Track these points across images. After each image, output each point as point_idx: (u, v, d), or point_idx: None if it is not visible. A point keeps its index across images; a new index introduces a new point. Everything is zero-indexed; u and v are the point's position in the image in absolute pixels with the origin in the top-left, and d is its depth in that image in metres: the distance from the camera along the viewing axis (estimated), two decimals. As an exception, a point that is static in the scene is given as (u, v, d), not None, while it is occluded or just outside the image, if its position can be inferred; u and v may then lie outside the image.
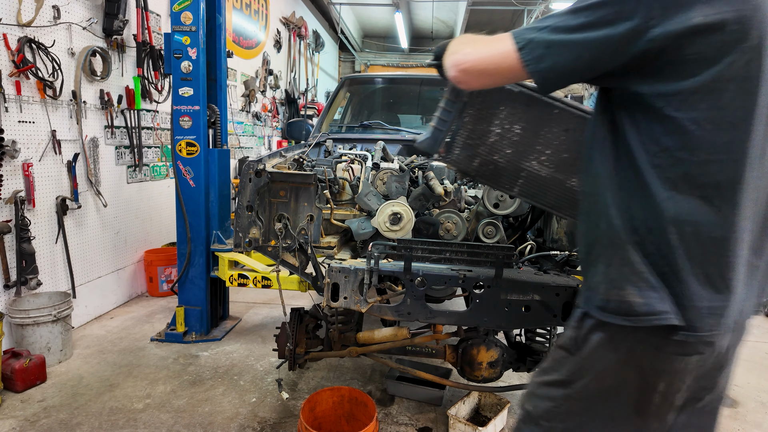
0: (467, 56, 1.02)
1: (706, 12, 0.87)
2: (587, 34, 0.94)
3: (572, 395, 1.09)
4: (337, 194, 2.50)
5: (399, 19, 10.72)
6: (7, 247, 2.94)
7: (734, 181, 0.93)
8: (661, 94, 0.92)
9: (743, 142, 0.92)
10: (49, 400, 2.64)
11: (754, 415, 2.82)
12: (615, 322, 0.98)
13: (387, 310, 2.02)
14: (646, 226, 0.96)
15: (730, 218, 0.93)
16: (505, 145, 1.65)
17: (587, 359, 1.05)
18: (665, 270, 0.95)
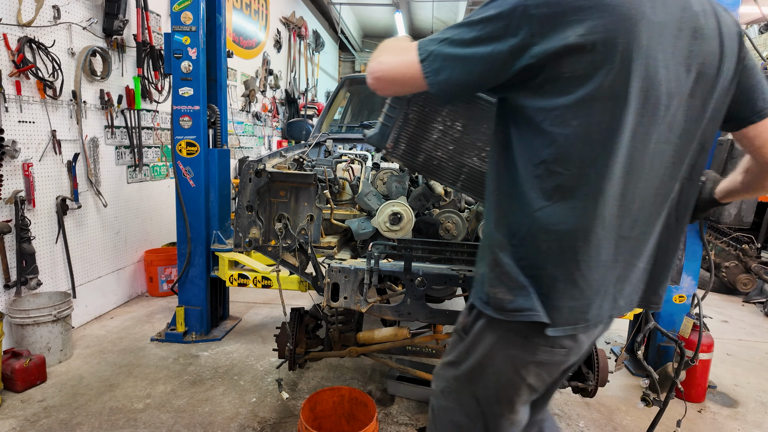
0: (380, 65, 1.06)
1: (578, 32, 0.92)
2: (478, 49, 0.99)
3: (459, 376, 1.21)
4: (337, 194, 2.50)
5: (399, 19, 10.73)
6: (7, 247, 2.94)
7: (598, 194, 1.00)
8: (541, 108, 0.98)
9: (608, 158, 0.98)
10: (50, 400, 2.64)
11: (754, 415, 2.82)
12: (491, 314, 1.10)
13: (387, 310, 2.02)
14: (521, 233, 1.05)
15: (594, 227, 1.02)
16: (447, 141, 1.73)
17: (471, 344, 1.17)
18: (535, 273, 1.05)
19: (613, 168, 0.99)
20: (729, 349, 3.75)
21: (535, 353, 1.09)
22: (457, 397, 1.22)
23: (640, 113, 0.99)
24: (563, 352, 1.11)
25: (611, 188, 1.01)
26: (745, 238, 4.89)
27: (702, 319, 2.38)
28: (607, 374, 2.30)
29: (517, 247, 1.06)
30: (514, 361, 1.12)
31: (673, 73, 1.00)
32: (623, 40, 0.93)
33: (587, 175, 0.99)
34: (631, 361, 3.30)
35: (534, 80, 0.98)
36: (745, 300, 4.98)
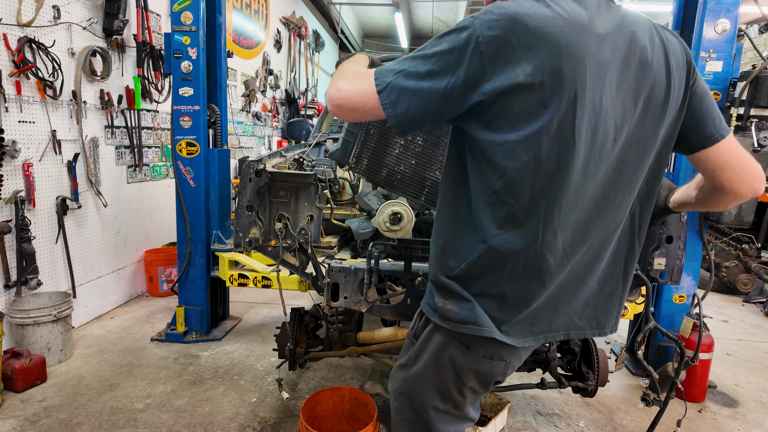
0: (339, 93, 1.05)
1: (527, 71, 0.95)
2: (433, 83, 1.00)
3: (407, 378, 1.27)
4: (337, 194, 2.50)
5: (399, 19, 10.73)
6: (7, 247, 2.94)
7: (548, 223, 1.05)
8: (493, 142, 1.01)
9: (557, 191, 1.02)
10: (50, 400, 2.64)
11: (754, 415, 2.82)
12: (437, 322, 1.17)
13: (387, 309, 2.02)
14: (472, 258, 1.09)
15: (545, 253, 1.07)
16: (409, 155, 1.78)
17: (420, 348, 1.23)
18: (485, 291, 1.11)
19: (562, 199, 1.04)
20: (729, 349, 3.75)
21: (475, 362, 1.16)
22: (408, 397, 1.28)
23: (590, 147, 1.02)
24: (502, 365, 1.18)
25: (562, 217, 1.06)
26: (745, 238, 4.89)
27: (702, 319, 2.37)
28: (607, 374, 2.30)
29: (466, 270, 1.11)
30: (455, 367, 1.18)
31: (620, 107, 1.04)
32: (570, 79, 0.96)
33: (537, 206, 1.03)
34: (631, 361, 3.30)
35: (486, 115, 1.00)
36: (745, 300, 4.98)
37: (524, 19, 0.95)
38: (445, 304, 1.14)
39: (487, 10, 0.99)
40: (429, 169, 1.79)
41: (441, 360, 1.19)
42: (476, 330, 1.10)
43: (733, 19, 2.72)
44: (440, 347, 1.18)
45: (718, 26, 2.73)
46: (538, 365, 2.38)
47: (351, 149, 1.74)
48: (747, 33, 3.25)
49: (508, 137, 0.99)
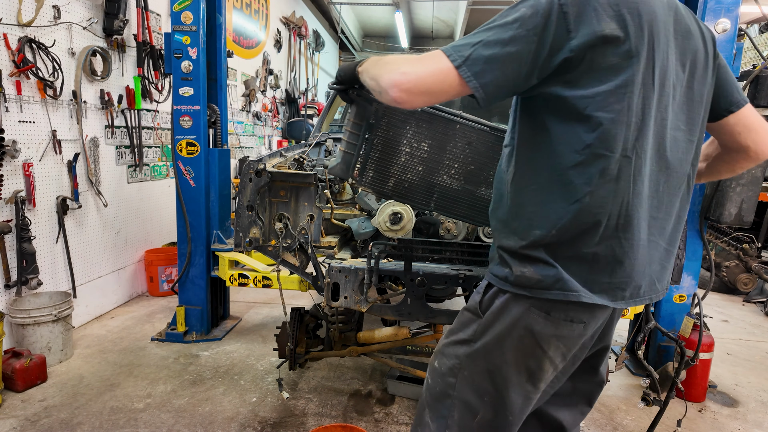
0: (407, 76, 1.02)
1: (611, 25, 1.01)
2: (520, 47, 1.01)
3: (474, 353, 1.21)
4: (337, 194, 2.50)
5: (399, 19, 10.72)
6: (7, 246, 2.94)
7: (637, 175, 1.08)
8: (584, 96, 1.03)
9: (644, 140, 1.07)
10: (50, 400, 2.64)
11: (754, 415, 2.82)
12: (514, 291, 1.14)
13: (387, 309, 2.02)
14: (563, 222, 1.08)
15: (635, 208, 1.08)
16: (416, 162, 1.73)
17: (490, 321, 1.19)
18: (577, 254, 1.09)
19: (647, 149, 1.08)
20: (729, 349, 3.75)
21: (557, 327, 1.13)
22: (470, 373, 1.22)
23: (659, 100, 1.09)
24: (582, 327, 1.15)
25: (646, 170, 1.09)
26: (745, 238, 4.89)
27: (702, 319, 2.37)
28: (607, 374, 2.30)
29: (558, 236, 1.09)
30: (536, 336, 1.14)
31: (676, 66, 1.12)
32: (648, 31, 1.04)
33: (628, 157, 1.05)
34: (632, 361, 3.30)
35: (572, 72, 1.03)
36: (745, 299, 4.98)
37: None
38: (524, 272, 1.12)
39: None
40: (436, 174, 1.74)
41: (517, 331, 1.15)
42: (562, 295, 1.09)
43: (733, 19, 2.71)
44: (517, 317, 1.15)
45: (718, 26, 2.72)
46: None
47: (353, 162, 1.68)
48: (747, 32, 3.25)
49: (599, 89, 1.02)
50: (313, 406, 2.66)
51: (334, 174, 1.71)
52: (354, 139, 1.65)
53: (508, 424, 1.22)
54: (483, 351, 1.20)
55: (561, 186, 1.08)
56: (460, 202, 1.76)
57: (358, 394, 2.81)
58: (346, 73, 1.36)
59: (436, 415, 1.25)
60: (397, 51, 13.96)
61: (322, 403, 2.69)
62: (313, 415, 2.58)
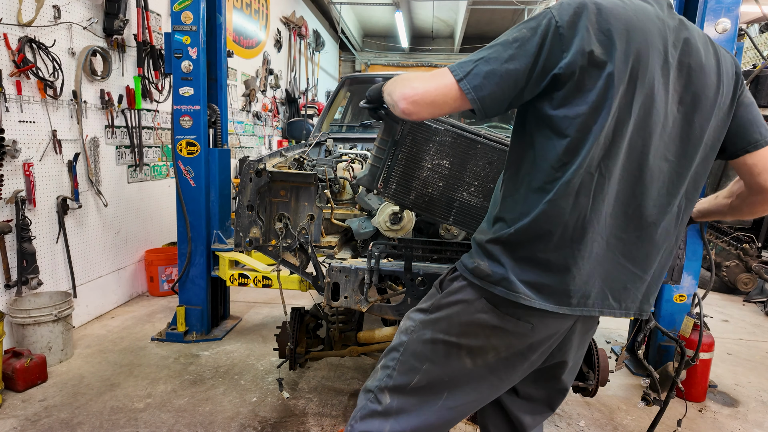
0: (416, 90, 1.13)
1: (599, 49, 1.07)
2: (516, 65, 1.09)
3: (426, 321, 1.32)
4: (337, 194, 2.50)
5: (399, 19, 10.72)
6: (8, 246, 2.94)
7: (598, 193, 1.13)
8: (566, 116, 1.10)
9: (610, 161, 1.12)
10: (50, 400, 2.64)
11: (754, 415, 2.82)
12: (470, 279, 1.24)
13: (388, 309, 2.02)
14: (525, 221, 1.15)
15: (591, 223, 1.14)
16: (437, 178, 1.82)
17: (445, 299, 1.30)
18: (529, 256, 1.16)
19: (614, 171, 1.13)
20: (730, 349, 3.75)
21: (501, 320, 1.21)
22: (418, 337, 1.32)
23: (640, 127, 1.13)
24: (528, 328, 1.21)
25: (611, 189, 1.15)
26: (745, 238, 4.89)
27: (702, 319, 2.37)
28: (607, 373, 2.30)
29: (516, 236, 1.17)
30: (481, 322, 1.23)
31: (668, 98, 1.14)
32: (633, 62, 1.08)
33: (591, 174, 1.12)
34: (632, 361, 3.30)
35: (561, 90, 1.10)
36: (745, 299, 4.98)
37: (598, 4, 1.08)
38: (480, 264, 1.21)
39: (563, 2, 1.11)
40: (456, 190, 1.82)
41: (466, 312, 1.25)
42: (505, 293, 1.16)
43: (733, 19, 2.71)
44: (468, 301, 1.24)
45: (718, 25, 2.72)
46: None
47: (379, 174, 1.80)
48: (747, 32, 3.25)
49: (579, 110, 1.09)
50: (313, 406, 2.67)
51: (361, 184, 1.84)
52: (381, 153, 1.78)
53: (439, 398, 1.29)
54: (433, 321, 1.30)
55: (533, 194, 1.16)
56: (479, 219, 1.80)
57: (358, 394, 2.80)
58: (375, 93, 1.49)
59: (384, 365, 1.37)
60: (397, 51, 13.96)
61: (322, 403, 2.70)
62: (313, 415, 2.58)
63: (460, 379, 1.29)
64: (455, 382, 1.29)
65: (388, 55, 14.05)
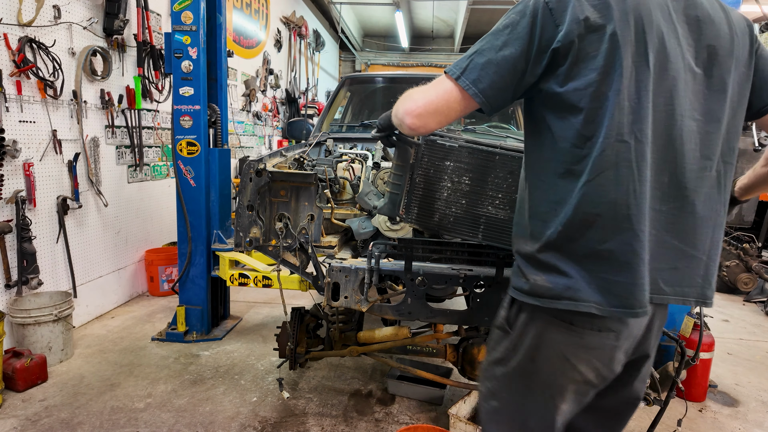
0: (417, 102, 1.10)
1: (594, 13, 1.02)
2: (512, 50, 1.06)
3: (509, 374, 1.18)
4: (337, 194, 2.50)
5: (399, 19, 10.71)
6: (8, 246, 2.94)
7: (638, 161, 1.03)
8: (577, 89, 1.04)
9: (641, 124, 1.03)
10: (50, 400, 2.64)
11: (755, 415, 2.81)
12: (531, 302, 1.10)
13: (388, 309, 2.02)
14: (565, 216, 1.06)
15: (641, 194, 1.03)
16: (458, 196, 1.78)
17: (518, 337, 1.16)
18: (592, 248, 1.04)
19: (648, 134, 1.04)
20: (730, 349, 3.75)
21: (582, 337, 1.08)
22: (510, 395, 1.19)
23: (659, 84, 1.05)
24: (612, 336, 1.08)
25: (650, 156, 1.05)
26: (746, 238, 4.89)
27: (703, 319, 2.37)
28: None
29: (564, 231, 1.06)
30: (563, 349, 1.09)
31: (681, 52, 1.07)
32: (635, 17, 1.03)
33: (625, 141, 1.02)
34: (632, 361, 3.29)
35: (564, 64, 1.05)
36: (746, 299, 4.97)
37: None
38: (536, 280, 1.09)
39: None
40: (480, 206, 1.77)
41: (545, 345, 1.11)
42: (573, 305, 1.04)
43: (733, 18, 2.71)
44: (541, 330, 1.11)
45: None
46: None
47: (399, 201, 1.77)
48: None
49: (589, 78, 1.03)
50: (313, 406, 2.67)
51: (382, 213, 1.83)
52: (398, 180, 1.76)
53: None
54: (517, 371, 1.16)
55: (564, 180, 1.07)
56: (508, 231, 1.75)
57: (358, 394, 2.81)
58: (385, 120, 1.46)
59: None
60: (397, 51, 13.96)
61: (322, 403, 2.70)
62: (313, 415, 2.58)
63: (565, 413, 1.17)
64: (560, 427, 1.18)
65: (388, 55, 14.05)
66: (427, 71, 13.03)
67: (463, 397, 2.54)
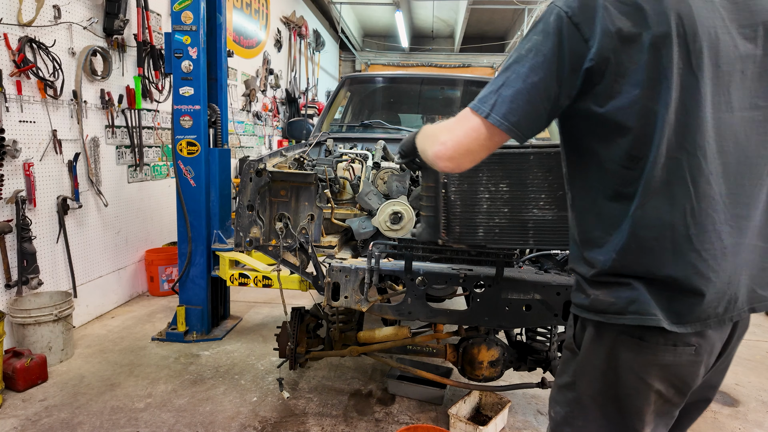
0: (446, 145, 1.04)
1: (626, 22, 0.93)
2: (540, 75, 0.97)
3: (580, 398, 1.10)
4: (337, 193, 2.50)
5: (399, 18, 10.71)
6: (8, 246, 2.94)
7: (697, 175, 0.95)
8: (622, 107, 0.96)
9: (696, 135, 0.94)
10: (51, 400, 2.64)
11: (755, 415, 2.82)
12: (596, 319, 1.03)
13: (388, 309, 2.02)
14: (622, 241, 0.99)
15: (704, 211, 0.96)
16: (499, 205, 1.67)
17: (585, 358, 1.08)
18: (649, 275, 0.98)
19: (704, 144, 0.95)
20: (730, 349, 3.74)
21: (655, 354, 0.99)
22: (584, 422, 1.10)
23: (716, 83, 0.96)
24: (691, 351, 0.99)
25: (710, 167, 0.96)
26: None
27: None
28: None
29: (619, 259, 1.00)
30: (634, 367, 1.01)
31: (734, 38, 0.98)
32: (675, 14, 0.93)
33: (677, 158, 0.95)
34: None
35: (602, 83, 0.96)
36: (746, 299, 4.96)
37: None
38: (597, 295, 1.02)
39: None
40: (525, 210, 1.67)
41: (615, 364, 1.02)
42: (640, 319, 0.97)
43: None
44: (610, 348, 1.02)
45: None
46: (538, 365, 2.38)
47: (437, 224, 1.69)
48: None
49: (632, 95, 0.94)
50: (313, 406, 2.67)
51: (423, 239, 1.74)
52: (431, 202, 1.68)
53: None
54: (589, 394, 1.08)
55: (615, 204, 1.00)
56: (561, 231, 1.67)
57: (358, 394, 2.81)
58: (408, 146, 1.41)
59: None
60: (397, 51, 13.96)
61: (322, 403, 2.70)
62: (313, 415, 2.58)
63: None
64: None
65: (388, 55, 14.05)
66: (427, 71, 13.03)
67: (463, 397, 2.54)
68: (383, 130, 3.49)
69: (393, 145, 3.14)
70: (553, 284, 1.86)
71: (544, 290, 1.86)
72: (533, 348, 2.41)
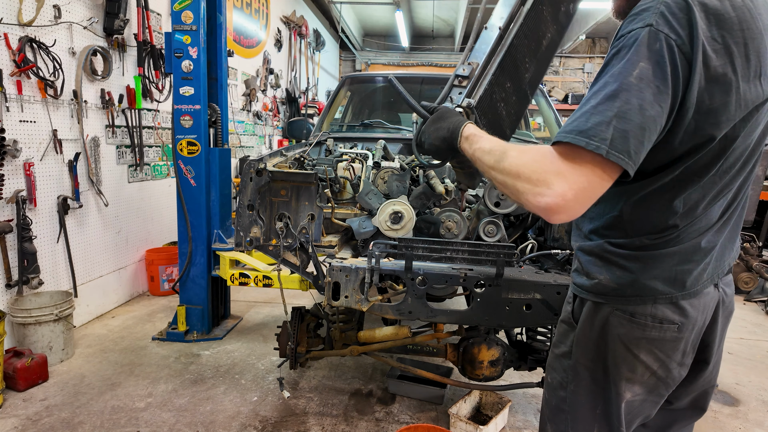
0: (565, 198, 0.91)
1: (721, 63, 0.93)
2: (659, 107, 0.92)
3: (575, 366, 1.20)
4: (338, 193, 2.50)
5: (400, 18, 10.70)
6: (8, 246, 2.94)
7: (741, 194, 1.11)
8: (697, 145, 1.00)
9: (746, 164, 1.07)
10: (51, 399, 2.65)
11: (755, 414, 2.82)
12: (592, 299, 1.15)
13: (388, 308, 2.02)
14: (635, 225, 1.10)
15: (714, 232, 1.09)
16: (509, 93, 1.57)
17: (581, 331, 1.18)
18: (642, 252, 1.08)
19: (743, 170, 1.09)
20: (730, 348, 3.75)
21: (644, 330, 1.09)
22: (576, 387, 1.20)
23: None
24: (674, 328, 1.09)
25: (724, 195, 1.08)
26: (746, 237, 4.89)
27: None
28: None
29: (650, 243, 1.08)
30: (624, 341, 1.11)
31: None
32: (755, 57, 0.96)
33: (731, 183, 1.08)
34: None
35: (683, 119, 0.96)
36: (746, 299, 4.97)
37: (702, 3, 0.92)
38: (600, 279, 1.12)
39: (659, 7, 0.92)
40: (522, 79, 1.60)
41: (609, 338, 1.13)
42: (640, 300, 1.08)
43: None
44: (605, 323, 1.13)
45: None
46: (538, 364, 2.38)
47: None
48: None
49: (708, 133, 0.97)
50: (314, 405, 2.67)
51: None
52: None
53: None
54: (583, 362, 1.19)
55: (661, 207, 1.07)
56: None
57: (359, 393, 2.81)
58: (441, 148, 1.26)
59: (557, 429, 1.25)
60: (397, 50, 13.95)
61: (323, 402, 2.70)
62: (313, 414, 2.58)
63: (634, 412, 1.19)
64: (628, 419, 1.19)
65: (388, 55, 14.04)
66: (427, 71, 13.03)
67: (464, 397, 2.55)
68: (383, 130, 3.49)
69: (393, 144, 3.14)
70: (553, 284, 1.86)
71: (545, 290, 1.86)
72: (533, 347, 2.41)
